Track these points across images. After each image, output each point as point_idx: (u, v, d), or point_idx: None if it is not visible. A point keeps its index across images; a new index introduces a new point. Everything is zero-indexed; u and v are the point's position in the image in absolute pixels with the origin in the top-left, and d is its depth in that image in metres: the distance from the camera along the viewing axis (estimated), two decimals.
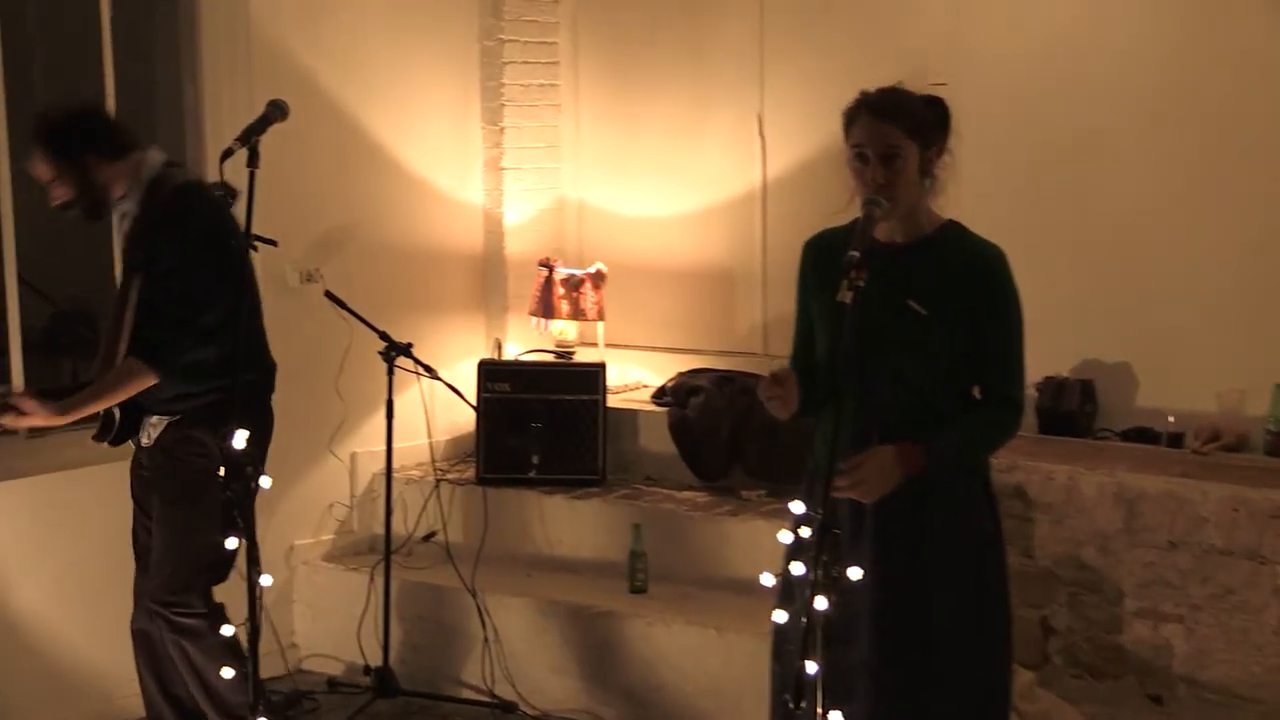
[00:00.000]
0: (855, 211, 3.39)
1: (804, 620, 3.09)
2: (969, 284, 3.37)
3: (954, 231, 3.46)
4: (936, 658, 3.41)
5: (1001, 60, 5.38)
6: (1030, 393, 5.06)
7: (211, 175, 5.49)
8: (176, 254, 4.14)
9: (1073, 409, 5.16)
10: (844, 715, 3.16)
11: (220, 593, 4.37)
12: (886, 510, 3.36)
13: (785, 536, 3.44)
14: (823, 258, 3.50)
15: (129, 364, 4.14)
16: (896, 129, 3.33)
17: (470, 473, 6.01)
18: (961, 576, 3.42)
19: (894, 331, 3.36)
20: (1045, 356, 4.94)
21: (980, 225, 3.51)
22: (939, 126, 3.42)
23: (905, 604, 3.40)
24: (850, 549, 3.36)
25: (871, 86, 3.42)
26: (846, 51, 5.80)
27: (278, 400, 4.42)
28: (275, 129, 3.92)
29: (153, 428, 4.29)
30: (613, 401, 6.05)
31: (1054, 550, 4.83)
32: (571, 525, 5.72)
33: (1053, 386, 5.19)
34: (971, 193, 3.60)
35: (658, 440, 5.94)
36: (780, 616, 3.43)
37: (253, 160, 3.78)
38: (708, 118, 6.29)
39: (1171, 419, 5.03)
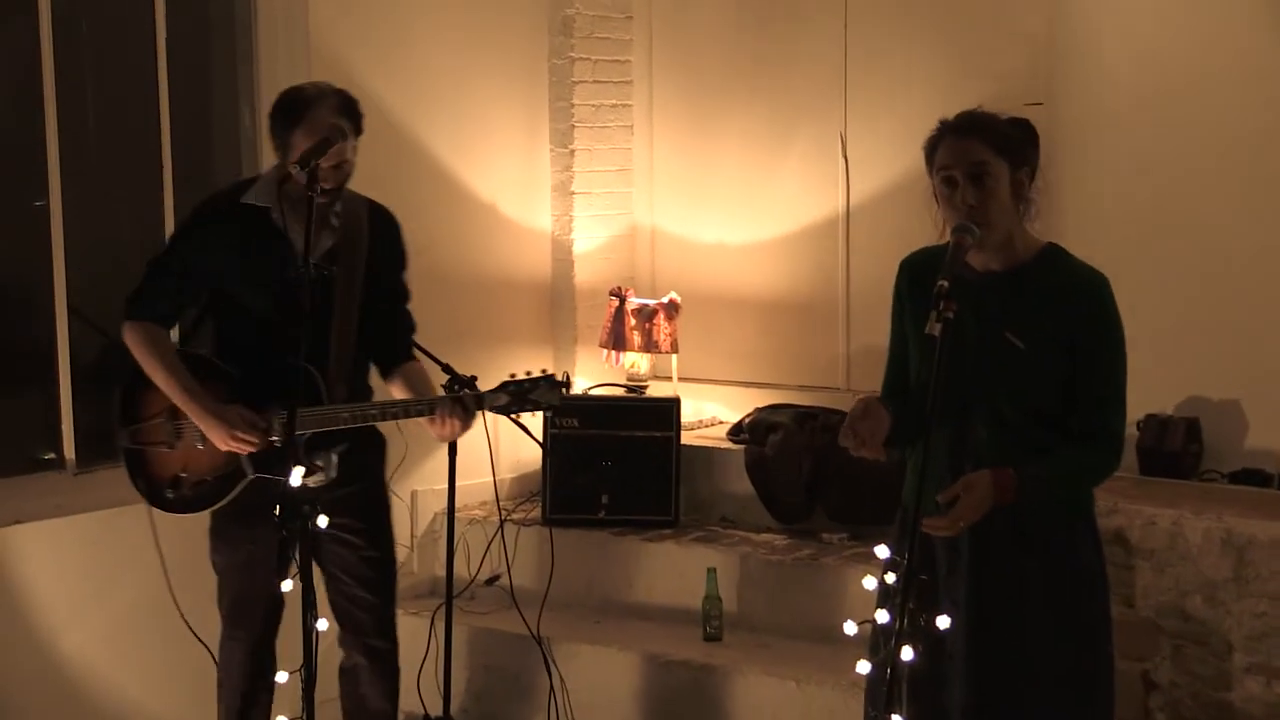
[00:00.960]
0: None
1: (888, 671, 3.07)
2: (1070, 312, 3.35)
3: (1053, 256, 3.44)
4: (1035, 704, 3.38)
5: (1101, 80, 5.34)
6: (1131, 431, 5.00)
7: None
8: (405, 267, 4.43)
9: (1177, 449, 5.09)
10: None
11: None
12: (983, 549, 3.34)
13: (870, 583, 3.42)
14: (919, 278, 3.48)
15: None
16: (982, 145, 3.32)
17: (536, 513, 6.01)
18: (1062, 618, 3.40)
19: (990, 366, 3.34)
20: (1147, 393, 4.88)
21: (1078, 252, 3.48)
22: (1027, 144, 3.41)
23: (1002, 647, 3.38)
24: (945, 589, 3.36)
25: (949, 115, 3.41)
26: (935, 66, 5.79)
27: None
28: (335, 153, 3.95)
29: (329, 456, 4.22)
30: (687, 438, 6.04)
31: (1157, 600, 4.77)
32: (643, 569, 5.71)
33: (1155, 425, 5.13)
34: (1069, 218, 3.57)
35: (734, 480, 5.92)
36: (864, 667, 3.41)
37: (312, 185, 3.82)
38: (788, 137, 6.29)
39: None
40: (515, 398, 4.24)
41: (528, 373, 4.28)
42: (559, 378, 4.25)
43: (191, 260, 4.18)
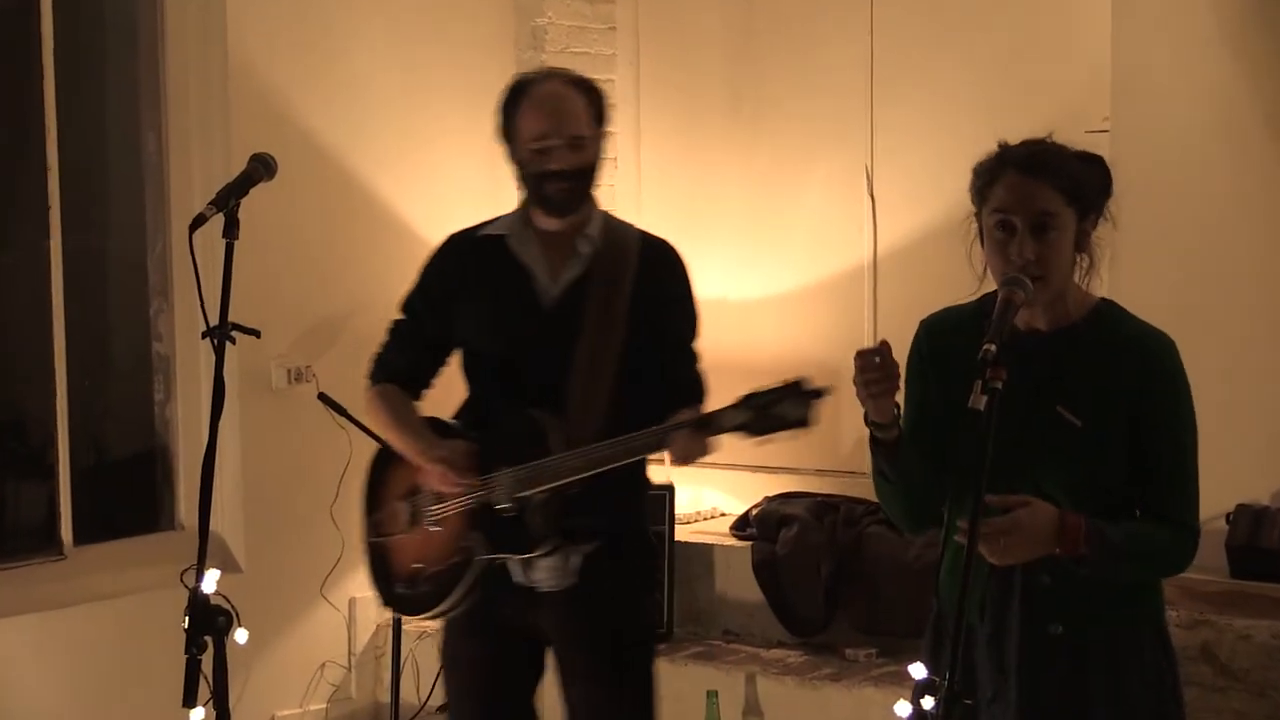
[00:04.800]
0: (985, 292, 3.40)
1: None
2: (1132, 382, 3.35)
3: (1110, 315, 3.44)
4: None
5: (1160, 107, 5.35)
6: (1218, 525, 5.00)
7: (178, 247, 5.59)
8: (695, 327, 4.37)
9: (1275, 547, 5.09)
10: None
11: None
12: (1034, 665, 3.34)
13: (903, 708, 3.41)
14: (943, 345, 3.50)
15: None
16: (1052, 190, 3.31)
17: None
18: None
19: (1043, 447, 3.34)
20: (1237, 480, 4.90)
21: (1145, 312, 3.49)
22: (1100, 189, 3.41)
23: None
24: (988, 718, 3.36)
25: (1010, 140, 3.41)
26: (976, 89, 5.83)
27: (262, 530, 4.44)
28: (259, 191, 3.96)
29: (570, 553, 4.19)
30: (682, 534, 6.05)
31: None
32: None
33: (1248, 517, 5.13)
34: (1134, 270, 3.58)
35: (739, 583, 5.91)
36: None
37: (230, 229, 3.81)
38: (803, 172, 6.32)
39: None
40: (759, 414, 4.01)
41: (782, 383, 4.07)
42: (808, 386, 4.01)
43: (421, 306, 4.34)
